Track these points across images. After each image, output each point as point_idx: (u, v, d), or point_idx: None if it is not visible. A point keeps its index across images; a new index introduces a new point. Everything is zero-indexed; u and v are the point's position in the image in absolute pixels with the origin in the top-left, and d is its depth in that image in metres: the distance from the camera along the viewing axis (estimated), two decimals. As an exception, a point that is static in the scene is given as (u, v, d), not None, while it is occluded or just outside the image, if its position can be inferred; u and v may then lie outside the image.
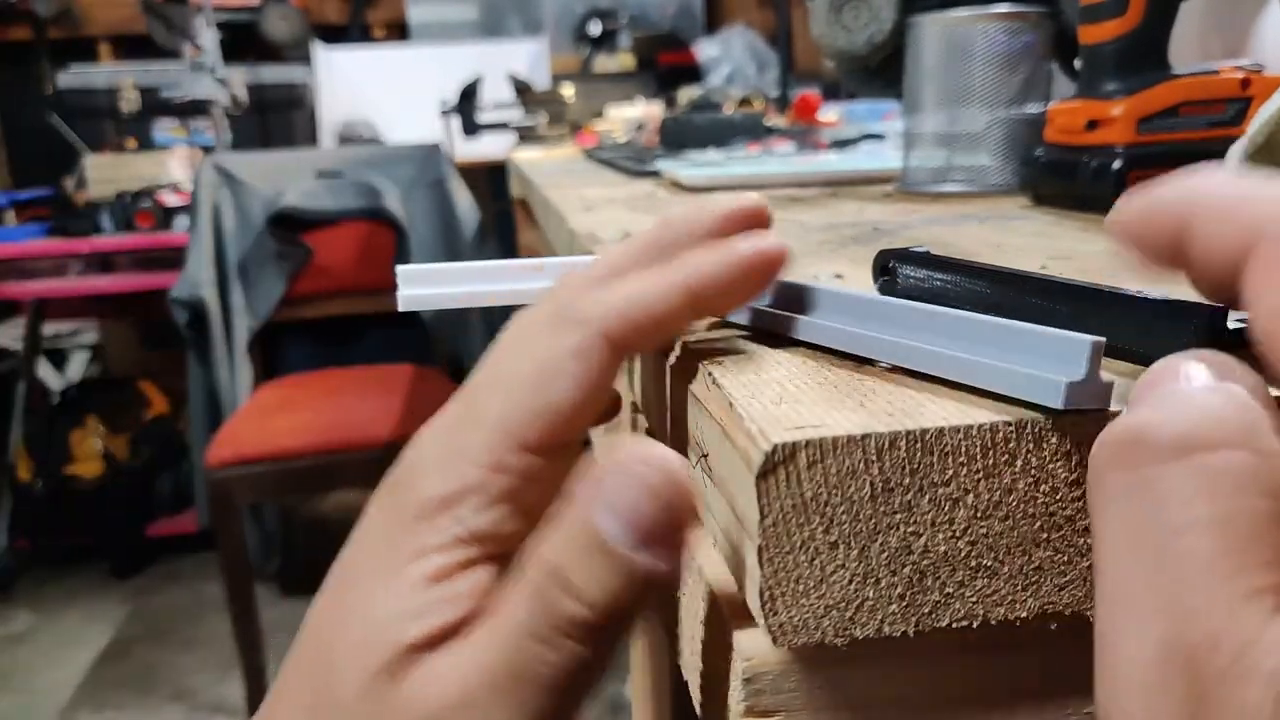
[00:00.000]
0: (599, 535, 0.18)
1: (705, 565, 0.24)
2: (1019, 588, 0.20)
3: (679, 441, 0.27)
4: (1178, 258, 0.18)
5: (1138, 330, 0.22)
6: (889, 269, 0.28)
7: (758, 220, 0.25)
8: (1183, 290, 0.19)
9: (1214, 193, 0.17)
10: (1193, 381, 0.15)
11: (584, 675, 0.19)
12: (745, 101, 1.62)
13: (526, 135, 1.92)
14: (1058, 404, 0.19)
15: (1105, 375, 0.19)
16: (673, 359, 0.28)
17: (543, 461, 0.21)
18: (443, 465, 0.21)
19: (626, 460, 0.19)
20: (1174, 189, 0.18)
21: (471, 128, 2.10)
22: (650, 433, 0.35)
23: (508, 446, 0.21)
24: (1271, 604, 0.13)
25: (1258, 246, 0.16)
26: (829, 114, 1.36)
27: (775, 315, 0.27)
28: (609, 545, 0.18)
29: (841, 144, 1.04)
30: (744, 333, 0.28)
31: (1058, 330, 0.20)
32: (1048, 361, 0.20)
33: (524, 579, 0.19)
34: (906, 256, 0.28)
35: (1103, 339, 0.19)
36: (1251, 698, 0.12)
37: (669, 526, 0.19)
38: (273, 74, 2.72)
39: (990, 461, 0.20)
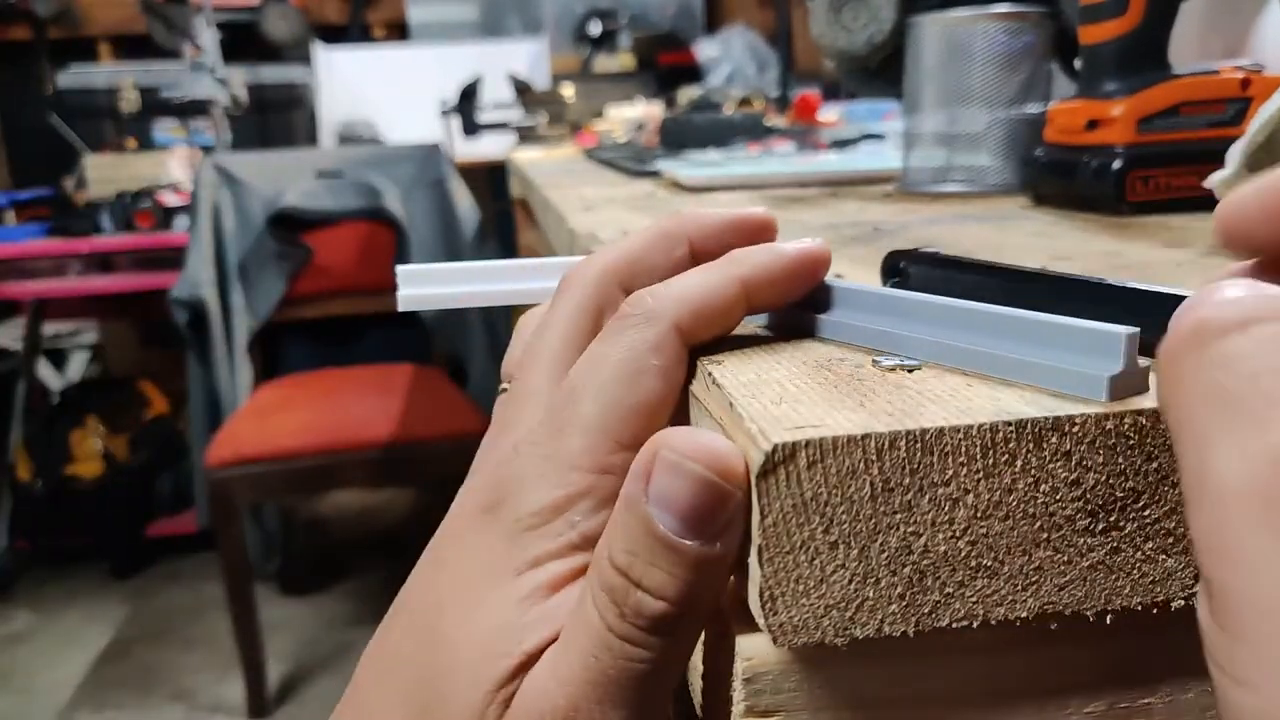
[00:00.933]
0: (658, 531, 0.19)
1: (705, 565, 0.24)
2: (1019, 588, 0.20)
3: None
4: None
5: (1158, 326, 0.22)
6: (899, 269, 0.28)
7: (766, 231, 0.25)
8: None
9: None
10: (1240, 287, 0.16)
11: (675, 663, 0.20)
12: (745, 101, 1.62)
13: (526, 135, 1.92)
14: (1102, 396, 0.19)
15: (1142, 361, 0.20)
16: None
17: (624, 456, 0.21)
18: (546, 475, 0.21)
19: (673, 453, 0.19)
20: None
21: (471, 128, 2.10)
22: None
23: (608, 448, 0.21)
24: None
25: None
26: (829, 114, 1.36)
27: (801, 314, 0.26)
28: (669, 539, 0.19)
29: (841, 144, 1.04)
30: (766, 332, 0.28)
31: (1094, 323, 0.20)
32: (1084, 355, 0.20)
33: (595, 581, 0.19)
34: (917, 257, 0.28)
35: (1137, 329, 0.19)
36: None
37: (722, 512, 0.19)
38: (273, 74, 2.72)
39: (990, 461, 0.20)
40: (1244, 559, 0.13)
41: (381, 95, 2.68)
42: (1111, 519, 0.20)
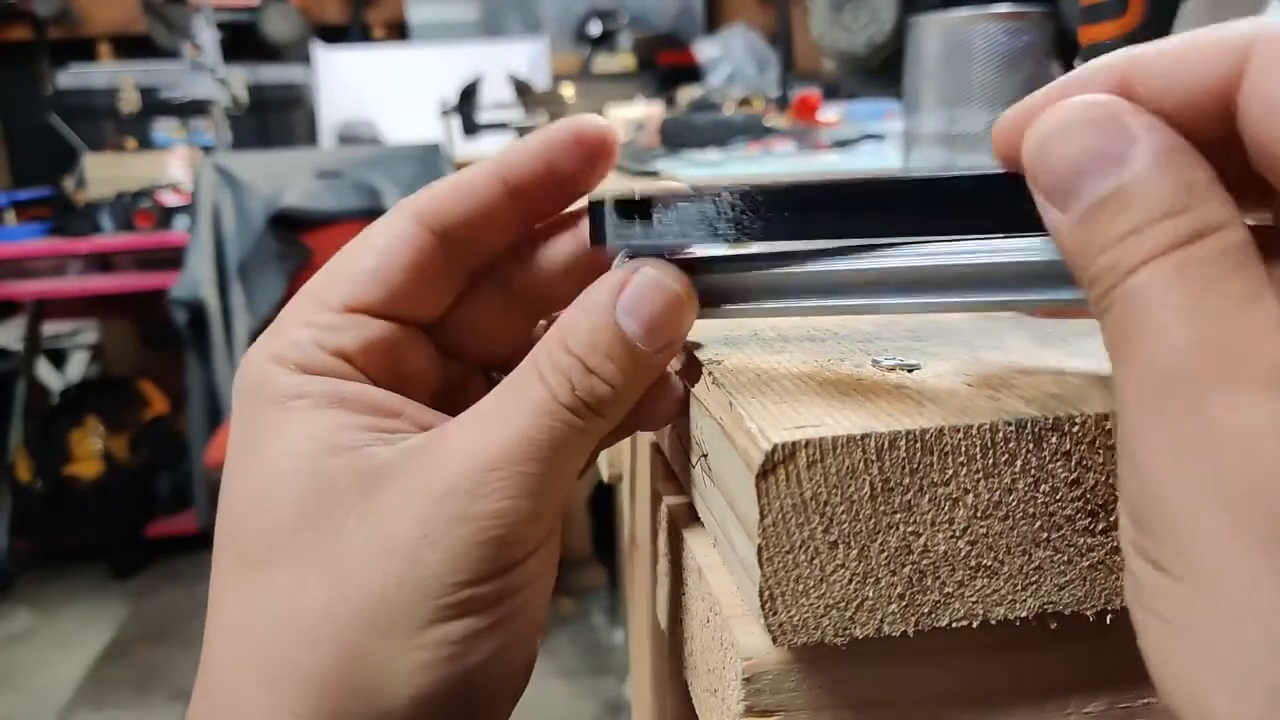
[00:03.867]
0: (622, 333, 0.22)
1: (705, 565, 0.24)
2: (1019, 587, 0.20)
3: (679, 441, 0.27)
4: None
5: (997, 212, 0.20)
6: (642, 213, 0.23)
7: (604, 146, 0.24)
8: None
9: (1158, 46, 0.17)
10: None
11: (589, 443, 0.22)
12: (745, 101, 1.62)
13: (526, 135, 1.92)
14: None
15: None
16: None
17: (377, 322, 0.23)
18: (268, 338, 0.24)
19: (651, 272, 0.22)
20: (1103, 61, 0.18)
21: (471, 128, 2.10)
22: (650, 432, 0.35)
23: (328, 309, 0.23)
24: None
25: (1254, 49, 0.16)
26: (829, 114, 1.36)
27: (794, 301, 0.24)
28: (629, 341, 0.22)
29: (842, 144, 1.04)
30: (770, 332, 0.28)
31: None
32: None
33: (542, 366, 0.22)
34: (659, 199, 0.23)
35: None
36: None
37: (680, 332, 0.23)
38: (272, 74, 2.72)
39: (990, 461, 0.20)
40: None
41: (381, 95, 2.68)
42: (1112, 519, 0.20)
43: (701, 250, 0.24)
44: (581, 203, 0.25)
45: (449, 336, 0.26)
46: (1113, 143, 0.16)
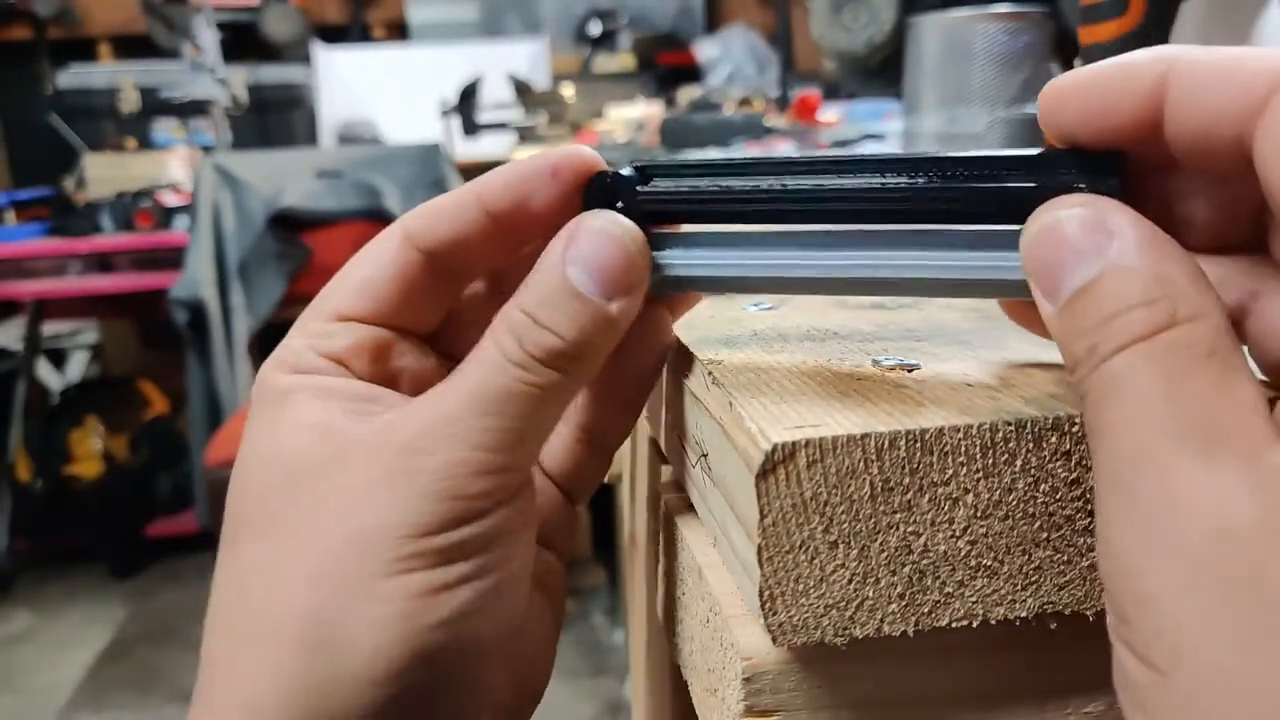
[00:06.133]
0: (570, 284, 0.22)
1: (705, 565, 0.24)
2: (1019, 587, 0.20)
3: (679, 441, 0.27)
4: (1145, 117, 0.18)
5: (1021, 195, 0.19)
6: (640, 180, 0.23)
7: (580, 178, 0.24)
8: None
9: (1200, 55, 0.17)
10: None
11: (557, 399, 0.22)
12: (745, 101, 1.62)
13: (526, 135, 1.92)
14: None
15: None
16: (671, 357, 0.28)
17: (366, 328, 0.24)
18: (277, 349, 0.24)
19: (595, 221, 0.23)
20: (1150, 54, 0.18)
21: (471, 128, 2.10)
22: (651, 432, 0.35)
23: (321, 319, 0.24)
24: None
25: (1275, 95, 0.16)
26: (829, 114, 1.36)
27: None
28: (577, 290, 0.22)
29: (842, 144, 1.04)
30: (770, 331, 0.28)
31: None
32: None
33: (495, 328, 0.22)
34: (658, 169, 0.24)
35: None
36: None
37: (628, 275, 0.23)
38: (273, 74, 2.72)
39: (990, 461, 0.20)
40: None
41: (381, 95, 2.68)
42: (1111, 519, 0.20)
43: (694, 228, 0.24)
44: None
45: (450, 343, 0.27)
46: (1094, 237, 0.17)
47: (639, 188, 0.23)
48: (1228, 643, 0.14)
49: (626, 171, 0.24)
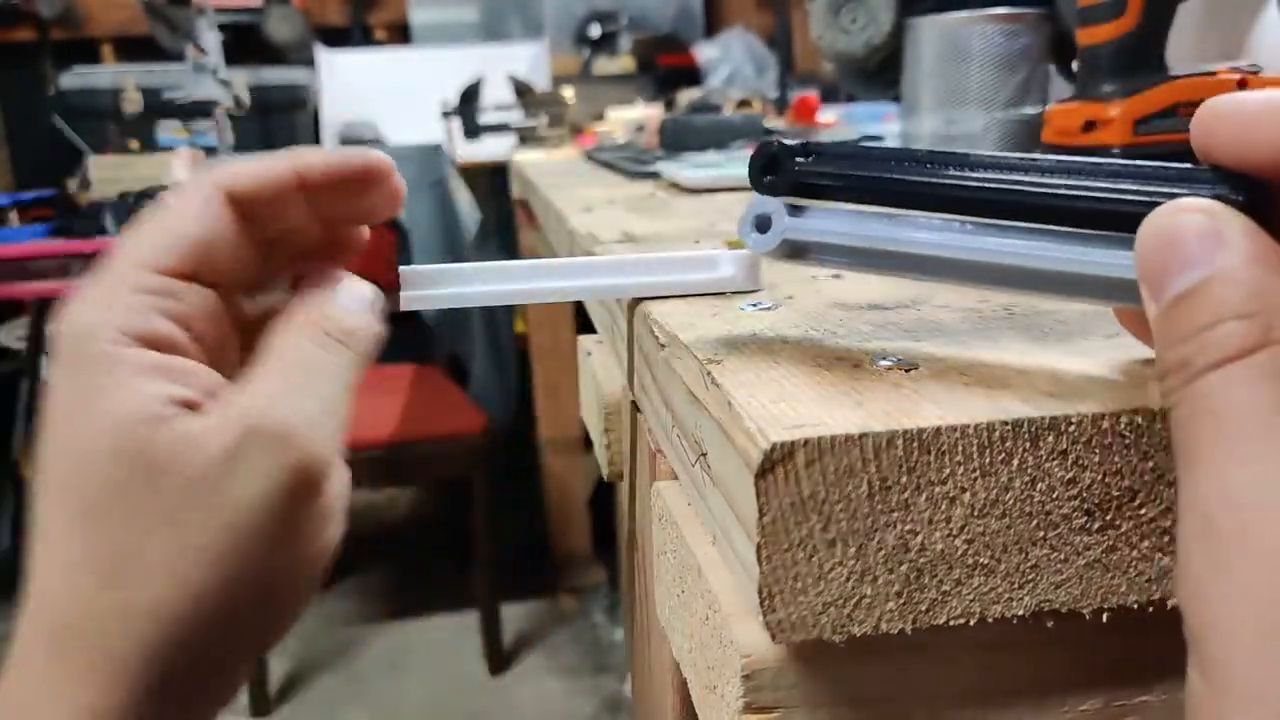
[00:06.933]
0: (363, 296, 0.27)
1: (704, 563, 0.24)
2: (1015, 585, 0.20)
3: (679, 441, 0.28)
4: None
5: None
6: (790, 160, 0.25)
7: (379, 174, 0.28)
8: None
9: None
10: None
11: (354, 373, 0.27)
12: (744, 103, 1.63)
13: (527, 137, 1.92)
14: None
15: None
16: (672, 356, 0.28)
17: (184, 285, 0.25)
18: (95, 298, 0.25)
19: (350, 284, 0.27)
20: None
21: (473, 129, 2.10)
22: (650, 431, 0.35)
23: (148, 270, 0.25)
24: None
25: None
26: (828, 116, 1.36)
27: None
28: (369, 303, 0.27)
29: (842, 145, 1.04)
30: (770, 332, 0.28)
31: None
32: None
33: (292, 328, 0.26)
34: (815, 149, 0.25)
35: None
36: None
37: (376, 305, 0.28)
38: (275, 76, 2.72)
39: (986, 460, 0.20)
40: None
41: (383, 97, 2.68)
42: (1108, 518, 0.20)
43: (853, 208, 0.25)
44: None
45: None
46: (1207, 243, 0.17)
47: (798, 159, 0.25)
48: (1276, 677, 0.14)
49: (791, 143, 0.25)
